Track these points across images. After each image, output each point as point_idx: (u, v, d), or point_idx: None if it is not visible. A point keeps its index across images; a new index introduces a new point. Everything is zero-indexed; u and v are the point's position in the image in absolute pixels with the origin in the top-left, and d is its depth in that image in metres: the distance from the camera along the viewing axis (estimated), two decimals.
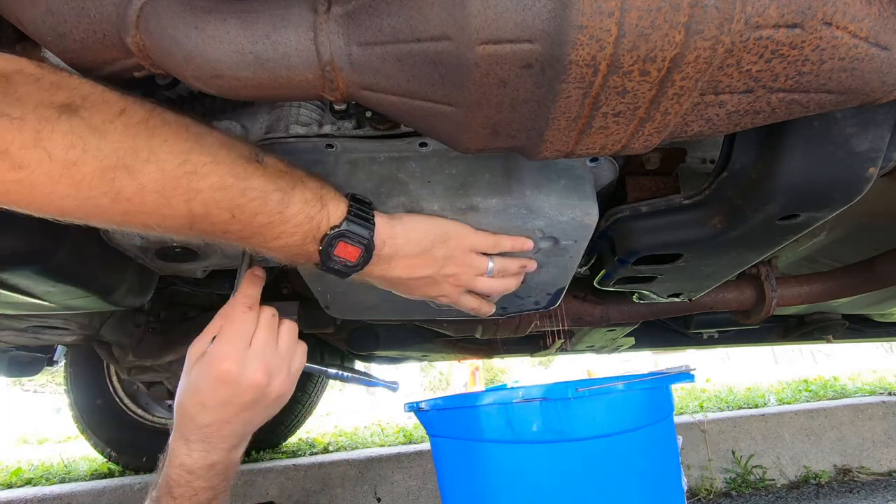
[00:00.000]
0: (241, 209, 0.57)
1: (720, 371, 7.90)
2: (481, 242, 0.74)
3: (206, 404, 0.72)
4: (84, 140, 0.48)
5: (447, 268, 0.73)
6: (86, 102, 0.49)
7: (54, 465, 2.70)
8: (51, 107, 0.48)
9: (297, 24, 0.52)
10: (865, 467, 2.35)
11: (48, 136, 0.47)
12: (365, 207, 0.66)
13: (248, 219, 0.58)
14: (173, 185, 0.53)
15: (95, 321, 1.46)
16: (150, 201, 0.53)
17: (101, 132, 0.49)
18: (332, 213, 0.63)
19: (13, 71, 0.48)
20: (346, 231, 0.63)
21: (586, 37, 0.43)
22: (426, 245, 0.70)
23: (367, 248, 0.65)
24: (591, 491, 0.83)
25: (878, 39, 0.46)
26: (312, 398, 2.60)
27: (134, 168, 0.51)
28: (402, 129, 0.75)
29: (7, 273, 0.84)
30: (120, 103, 0.51)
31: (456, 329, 1.51)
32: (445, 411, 0.93)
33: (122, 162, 0.50)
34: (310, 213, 0.62)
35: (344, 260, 0.64)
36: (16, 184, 0.48)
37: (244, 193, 0.57)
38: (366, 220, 0.65)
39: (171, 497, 0.74)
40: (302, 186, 0.61)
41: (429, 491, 2.12)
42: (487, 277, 0.77)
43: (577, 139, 0.55)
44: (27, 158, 0.47)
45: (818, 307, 1.64)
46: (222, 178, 0.55)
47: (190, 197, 0.54)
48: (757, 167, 0.67)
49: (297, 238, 0.62)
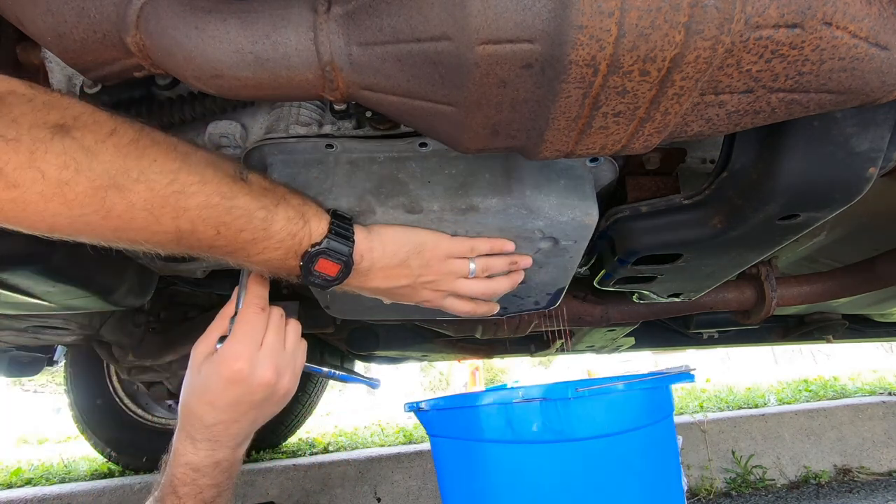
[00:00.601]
0: (227, 226, 0.59)
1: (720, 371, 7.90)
2: (456, 248, 0.75)
3: (215, 404, 0.73)
4: (76, 160, 0.50)
5: (424, 276, 0.75)
6: (77, 122, 0.51)
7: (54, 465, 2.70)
8: (44, 127, 0.49)
9: (297, 24, 0.52)
10: (865, 467, 2.35)
11: (42, 156, 0.49)
12: (345, 224, 0.69)
13: (233, 235, 0.60)
14: (162, 203, 0.55)
15: (95, 321, 1.46)
16: (139, 219, 0.55)
17: (93, 153, 0.51)
18: (314, 229, 0.66)
19: (6, 91, 0.49)
20: (327, 248, 0.66)
21: (586, 37, 0.43)
22: (401, 257, 0.72)
23: (346, 263, 0.67)
24: (591, 491, 0.83)
25: (878, 39, 0.46)
26: (312, 398, 2.60)
27: (124, 187, 0.53)
28: (402, 129, 0.75)
29: (7, 273, 0.84)
30: (110, 123, 0.53)
31: (456, 329, 1.51)
32: (445, 411, 0.94)
33: (113, 181, 0.52)
34: (292, 231, 0.64)
35: (324, 275, 0.67)
36: (10, 202, 0.49)
37: (230, 212, 0.59)
38: (346, 238, 0.68)
39: (176, 496, 0.75)
40: (285, 204, 0.64)
41: (429, 491, 2.12)
42: (470, 280, 0.78)
43: (577, 139, 0.55)
44: (21, 178, 0.48)
45: (818, 307, 1.64)
46: (209, 197, 0.57)
47: (178, 215, 0.56)
48: (757, 167, 0.67)
49: (280, 253, 0.64)
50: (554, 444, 0.83)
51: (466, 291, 0.79)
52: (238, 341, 0.72)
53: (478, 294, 0.80)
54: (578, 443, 0.83)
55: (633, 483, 0.86)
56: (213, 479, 0.76)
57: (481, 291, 0.80)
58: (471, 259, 0.77)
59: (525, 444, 0.84)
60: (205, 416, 0.73)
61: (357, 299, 0.95)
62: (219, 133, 0.73)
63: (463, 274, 0.77)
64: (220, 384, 0.72)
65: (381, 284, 0.73)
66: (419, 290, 0.76)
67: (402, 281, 0.74)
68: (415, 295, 0.77)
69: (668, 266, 0.91)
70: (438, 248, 0.74)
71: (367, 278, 0.72)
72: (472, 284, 0.78)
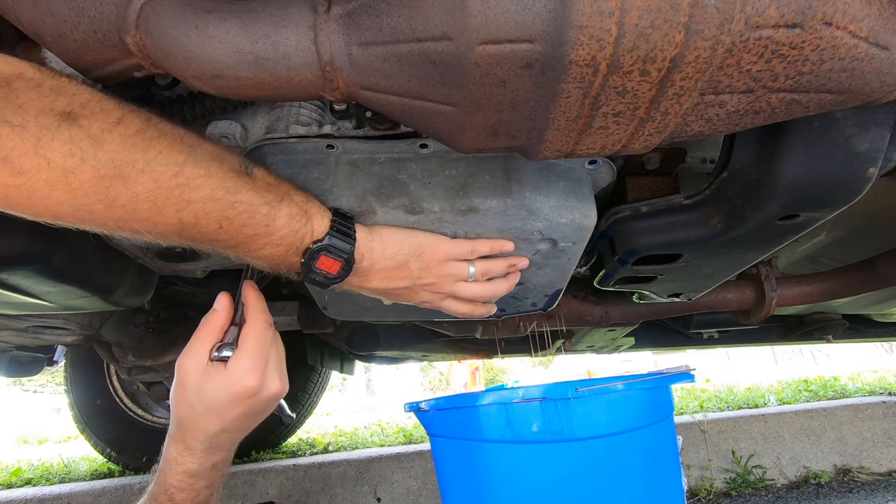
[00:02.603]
0: (230, 221, 0.59)
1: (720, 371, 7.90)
2: (456, 250, 0.75)
3: (223, 417, 0.72)
4: (82, 149, 0.50)
5: (423, 278, 0.75)
6: (84, 110, 0.50)
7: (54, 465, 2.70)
8: (51, 114, 0.49)
9: (297, 24, 0.52)
10: (865, 467, 2.35)
11: (48, 143, 0.48)
12: (347, 222, 0.69)
13: (235, 230, 0.60)
14: (166, 195, 0.55)
15: (95, 321, 1.46)
16: (142, 209, 0.54)
17: (99, 142, 0.50)
18: (317, 227, 0.66)
19: (14, 75, 0.48)
20: (329, 245, 0.66)
21: (586, 37, 0.43)
22: (401, 259, 0.72)
23: (348, 261, 0.67)
24: (591, 491, 0.83)
25: (878, 39, 0.46)
26: (312, 398, 2.60)
27: (129, 177, 0.52)
28: (403, 130, 0.75)
29: (7, 273, 0.84)
30: (117, 112, 0.52)
31: (456, 329, 1.51)
32: (445, 411, 0.94)
33: (119, 171, 0.52)
34: (294, 227, 0.64)
35: (325, 272, 0.67)
36: (15, 189, 0.49)
37: (233, 206, 0.59)
38: (347, 235, 0.67)
39: (173, 503, 0.75)
40: (289, 200, 0.64)
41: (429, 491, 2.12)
42: (470, 283, 0.78)
43: (577, 139, 0.55)
44: (27, 165, 0.48)
45: (818, 307, 1.64)
46: (213, 191, 0.57)
47: (181, 207, 0.56)
48: (757, 167, 0.67)
49: (282, 249, 0.64)
50: (554, 444, 0.83)
51: (467, 294, 0.79)
52: (250, 357, 0.71)
53: (477, 297, 0.80)
54: (578, 443, 0.83)
55: (633, 483, 0.86)
56: (208, 480, 0.77)
57: (480, 294, 0.80)
58: (470, 263, 0.77)
59: (525, 444, 0.84)
60: (209, 428, 0.73)
61: (355, 300, 0.95)
62: (219, 133, 0.73)
63: (462, 277, 0.77)
64: (227, 398, 0.71)
65: (380, 285, 0.73)
66: (418, 291, 0.76)
67: (401, 283, 0.74)
68: (413, 296, 0.78)
69: (669, 266, 0.91)
70: (438, 250, 0.74)
71: (367, 278, 0.72)
72: (472, 287, 0.79)
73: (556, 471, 0.84)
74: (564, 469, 0.84)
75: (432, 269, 0.75)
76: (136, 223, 0.55)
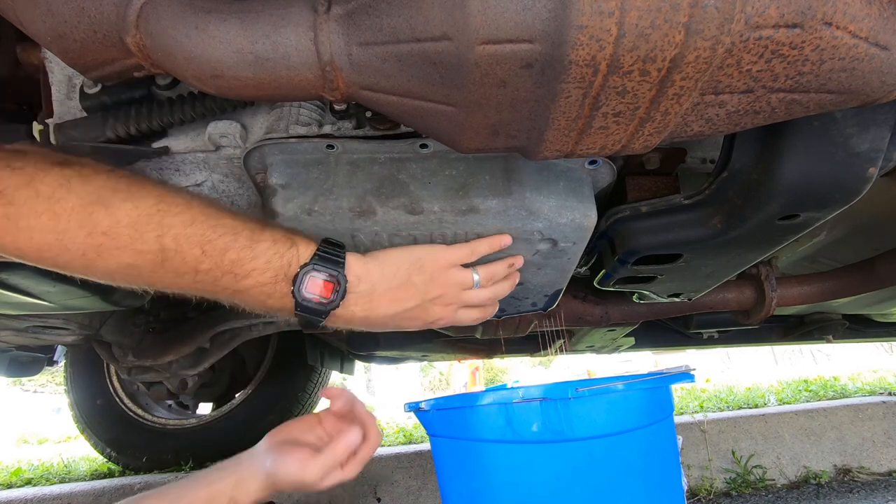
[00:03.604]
0: (212, 244, 0.60)
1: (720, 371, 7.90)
2: (456, 255, 0.75)
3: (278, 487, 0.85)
4: (71, 182, 0.56)
5: (431, 292, 0.74)
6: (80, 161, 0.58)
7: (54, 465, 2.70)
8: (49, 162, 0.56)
9: (297, 24, 0.52)
10: (865, 467, 2.35)
11: (41, 179, 0.55)
12: (335, 248, 0.68)
13: (218, 255, 0.61)
14: (147, 220, 0.58)
15: (95, 321, 1.46)
16: (123, 234, 0.57)
17: (88, 179, 0.57)
18: (302, 252, 0.66)
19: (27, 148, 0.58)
20: (316, 265, 0.65)
21: (586, 37, 0.43)
22: (403, 275, 0.71)
23: (340, 282, 0.66)
24: (591, 491, 0.83)
25: (878, 39, 0.46)
26: (312, 398, 2.60)
27: (112, 205, 0.57)
28: (403, 130, 0.75)
29: (7, 273, 0.84)
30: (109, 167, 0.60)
31: (456, 329, 1.51)
32: (445, 411, 0.94)
33: (101, 200, 0.57)
34: (280, 251, 0.64)
35: (318, 297, 0.65)
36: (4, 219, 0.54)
37: (215, 229, 0.61)
38: (336, 256, 0.67)
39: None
40: (272, 227, 0.66)
41: (429, 491, 2.12)
42: (477, 290, 0.78)
43: (577, 139, 0.55)
44: (18, 196, 0.54)
45: (818, 307, 1.64)
46: (194, 216, 0.60)
47: (162, 232, 0.58)
48: (757, 167, 0.67)
49: (269, 276, 0.64)
50: (554, 445, 0.83)
51: (476, 301, 0.79)
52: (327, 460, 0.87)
53: (486, 301, 0.80)
54: (578, 443, 0.83)
55: (633, 483, 0.86)
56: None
57: (488, 297, 0.80)
58: (474, 269, 0.77)
59: (525, 444, 0.84)
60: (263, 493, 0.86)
61: None
62: (219, 133, 0.73)
63: (468, 285, 0.77)
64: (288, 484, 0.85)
65: (388, 310, 0.72)
66: (429, 308, 0.75)
67: (409, 302, 0.72)
68: (426, 315, 0.76)
69: (669, 266, 0.91)
70: (438, 259, 0.74)
71: (373, 304, 0.70)
72: (480, 294, 0.79)
73: (556, 471, 0.84)
74: (564, 469, 0.84)
75: (437, 279, 0.74)
76: (116, 251, 0.58)
